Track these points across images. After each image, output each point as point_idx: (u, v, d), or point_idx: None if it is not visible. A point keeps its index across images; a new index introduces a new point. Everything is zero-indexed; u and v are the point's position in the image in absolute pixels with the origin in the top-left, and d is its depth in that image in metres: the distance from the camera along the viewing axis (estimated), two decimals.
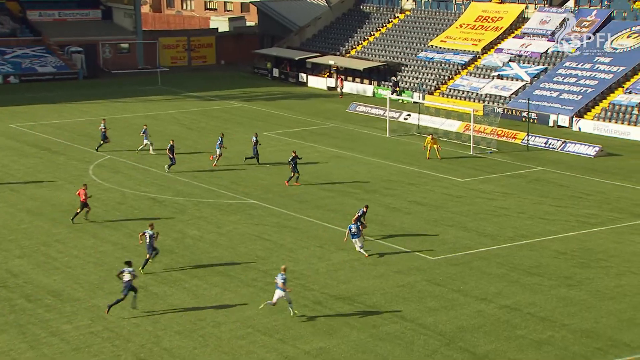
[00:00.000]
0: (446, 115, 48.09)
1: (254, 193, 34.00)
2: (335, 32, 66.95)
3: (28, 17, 68.74)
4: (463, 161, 39.74)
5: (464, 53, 57.11)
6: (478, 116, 46.85)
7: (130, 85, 61.36)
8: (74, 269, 25.56)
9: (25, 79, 61.95)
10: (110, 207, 31.99)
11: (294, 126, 47.67)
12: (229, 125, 47.81)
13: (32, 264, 25.81)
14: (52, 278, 24.87)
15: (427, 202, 32.88)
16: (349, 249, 27.32)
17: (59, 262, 26.10)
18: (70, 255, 26.68)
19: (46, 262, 26.00)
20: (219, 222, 30.29)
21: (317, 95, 58.35)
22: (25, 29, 67.56)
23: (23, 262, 26.08)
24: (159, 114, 51.43)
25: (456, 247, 27.58)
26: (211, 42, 73.26)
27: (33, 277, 24.90)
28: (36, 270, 25.42)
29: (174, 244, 27.86)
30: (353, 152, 40.54)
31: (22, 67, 63.06)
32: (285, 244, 27.89)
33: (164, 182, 35.46)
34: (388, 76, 58.80)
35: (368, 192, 34.14)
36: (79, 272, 25.27)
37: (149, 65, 68.72)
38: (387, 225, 29.90)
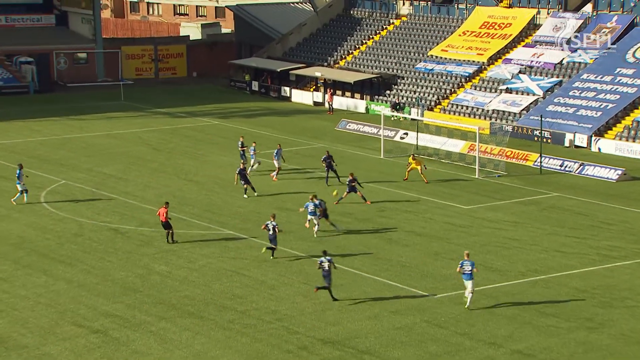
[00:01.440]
0: (448, 134, 48.51)
1: (231, 222, 34.07)
2: (322, 41, 67.56)
3: None
4: (467, 186, 40.04)
5: (467, 64, 57.77)
6: (484, 135, 47.27)
7: (88, 100, 61.48)
8: (22, 312, 25.45)
9: None
10: (65, 239, 31.93)
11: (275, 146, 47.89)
12: (202, 145, 47.96)
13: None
14: None
15: (427, 232, 33.06)
16: (337, 285, 27.38)
17: (4, 303, 25.99)
18: (17, 295, 26.59)
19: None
20: (190, 256, 30.29)
21: (302, 112, 58.71)
22: None
23: None
24: (121, 133, 51.52)
25: (460, 284, 27.64)
26: (181, 52, 73.64)
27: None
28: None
29: (139, 281, 27.83)
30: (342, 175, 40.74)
31: None
32: (267, 281, 27.92)
33: (127, 211, 35.47)
34: (382, 90, 59.31)
35: (360, 221, 34.31)
36: (28, 315, 25.16)
37: (110, 78, 68.91)
38: (382, 258, 30.01)
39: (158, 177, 40.86)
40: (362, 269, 28.89)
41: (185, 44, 74.19)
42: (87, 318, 25.04)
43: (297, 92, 62.90)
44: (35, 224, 33.67)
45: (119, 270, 28.76)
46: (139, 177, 40.90)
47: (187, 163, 43.66)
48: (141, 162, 43.96)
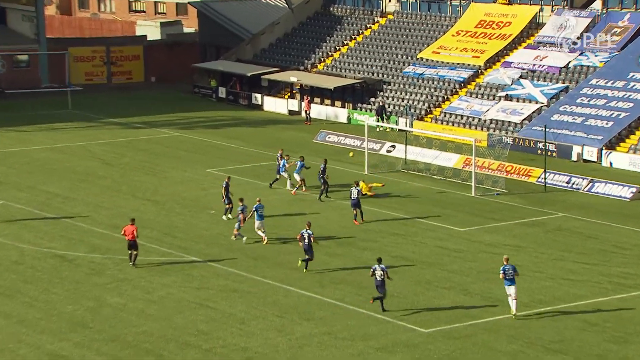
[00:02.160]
0: (441, 146, 48.81)
1: (195, 247, 34.00)
2: (298, 41, 67.86)
3: None
4: (463, 205, 40.25)
5: (462, 68, 58.23)
6: (481, 148, 47.55)
7: (31, 109, 61.23)
8: None
9: None
10: (3, 268, 31.71)
11: (245, 161, 47.91)
12: (162, 160, 47.90)
13: None
14: None
15: (417, 257, 33.18)
16: (316, 319, 27.38)
17: None
18: None
19: None
20: (148, 285, 30.18)
21: (275, 122, 58.85)
22: None
23: None
24: (69, 146, 51.33)
25: (455, 316, 27.79)
26: (138, 54, 73.60)
27: None
28: None
29: (89, 316, 27.67)
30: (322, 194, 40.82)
31: None
32: (235, 314, 27.87)
33: (75, 235, 35.30)
34: (366, 97, 59.62)
35: (341, 245, 34.37)
36: None
37: (56, 84, 68.59)
38: (366, 287, 30.06)
39: (111, 196, 40.71)
40: (344, 300, 28.91)
41: (142, 45, 74.17)
42: (29, 359, 24.81)
43: (269, 99, 63.06)
44: None
45: (65, 303, 28.57)
46: (88, 196, 40.74)
47: (144, 180, 43.55)
48: (91, 179, 43.79)
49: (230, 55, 68.61)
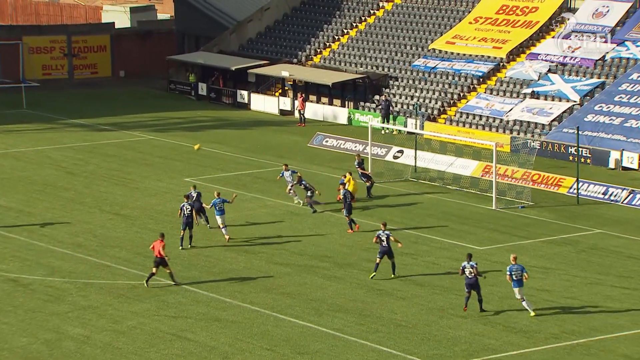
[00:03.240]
0: (456, 152, 48.90)
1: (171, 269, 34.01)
2: (290, 30, 68.02)
3: None
4: (482, 220, 40.29)
5: (481, 60, 58.38)
6: (503, 153, 47.62)
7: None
8: None
9: None
10: None
11: (229, 168, 47.96)
12: (133, 167, 47.95)
13: None
14: None
15: (429, 280, 33.20)
16: (312, 352, 27.39)
17: None
18: None
19: None
20: (115, 314, 30.19)
21: (264, 123, 58.96)
22: None
23: None
24: (23, 151, 51.35)
25: (473, 350, 27.79)
26: (104, 44, 73.75)
27: None
28: None
29: (46, 350, 27.66)
30: (318, 207, 40.88)
31: None
32: (218, 347, 27.88)
33: (31, 255, 35.30)
34: (370, 94, 59.74)
35: (341, 266, 34.39)
36: None
37: (8, 79, 68.68)
38: (370, 315, 30.09)
39: (73, 210, 40.71)
40: (344, 330, 28.92)
41: (109, 33, 74.32)
42: None
43: (257, 97, 63.18)
44: None
45: (18, 336, 28.55)
46: (47, 210, 40.74)
47: (113, 191, 43.57)
48: (50, 189, 43.81)
49: (211, 46, 68.76)
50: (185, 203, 36.32)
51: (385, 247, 32.63)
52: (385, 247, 32.63)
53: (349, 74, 60.93)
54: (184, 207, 36.09)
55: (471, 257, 30.24)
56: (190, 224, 35.98)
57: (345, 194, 38.11)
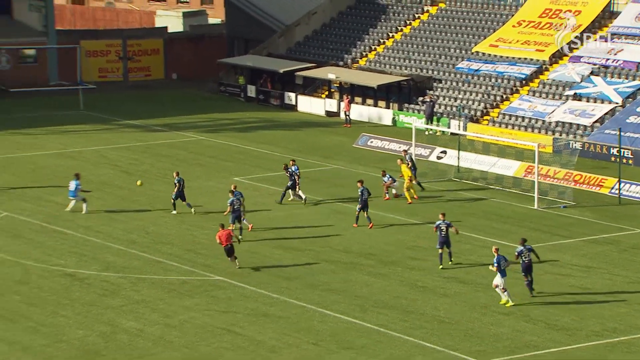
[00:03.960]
0: (499, 152, 48.61)
1: (220, 266, 34.17)
2: (337, 34, 68.01)
3: None
4: (524, 219, 40.01)
5: (524, 63, 57.98)
6: (546, 154, 47.24)
7: (38, 109, 61.98)
8: None
9: None
10: (6, 288, 32.08)
11: (277, 168, 48.01)
12: (184, 167, 48.21)
13: None
14: None
15: (472, 278, 33.04)
16: (357, 347, 27.37)
17: None
18: None
19: None
20: (167, 308, 30.37)
21: (311, 124, 59.00)
22: None
23: None
24: (80, 151, 51.84)
25: (515, 346, 27.62)
26: (158, 48, 74.27)
27: None
28: None
29: (101, 342, 27.91)
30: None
31: None
32: (265, 341, 27.95)
33: (87, 251, 35.65)
34: (414, 96, 59.56)
35: (385, 264, 34.33)
36: None
37: (67, 81, 69.37)
38: (413, 312, 30.00)
39: (127, 208, 41.00)
40: (388, 326, 28.87)
41: (162, 38, 74.80)
42: None
43: (304, 99, 63.24)
44: None
45: (75, 328, 28.84)
46: (102, 207, 41.10)
47: (165, 190, 43.84)
48: (106, 188, 44.19)
49: (260, 49, 68.94)
50: (233, 198, 36.64)
51: (445, 237, 33.41)
52: (445, 237, 33.41)
53: (393, 77, 60.78)
54: (233, 202, 36.40)
55: (525, 241, 31.02)
56: (239, 218, 36.33)
57: (363, 191, 38.20)
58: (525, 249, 30.88)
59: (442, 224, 33.60)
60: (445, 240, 33.62)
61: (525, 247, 30.93)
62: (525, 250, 30.86)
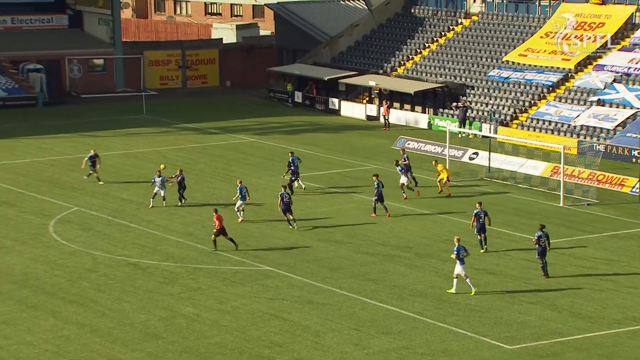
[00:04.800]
0: (527, 154, 48.23)
1: (269, 257, 34.26)
2: (377, 44, 67.85)
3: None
4: (550, 216, 39.66)
5: (551, 71, 57.44)
6: (571, 156, 46.78)
7: (105, 114, 62.56)
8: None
9: None
10: (76, 276, 32.42)
11: (322, 168, 48.09)
12: (236, 166, 48.45)
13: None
14: None
15: (501, 270, 32.81)
16: (394, 333, 27.30)
17: (5, 351, 26.40)
18: (22, 342, 26.99)
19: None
20: (221, 296, 30.52)
21: (353, 127, 58.92)
22: None
23: None
24: (143, 152, 52.23)
25: (542, 333, 27.38)
26: (213, 57, 74.61)
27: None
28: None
29: (161, 326, 28.10)
30: (401, 203, 40.74)
31: None
32: (310, 326, 27.97)
33: (149, 243, 35.92)
34: (448, 102, 59.24)
35: (421, 257, 34.20)
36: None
37: (131, 88, 70.00)
38: (447, 301, 29.85)
39: (185, 204, 41.21)
40: (423, 314, 28.77)
41: (218, 48, 75.14)
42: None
43: (347, 104, 63.18)
44: (43, 257, 34.27)
45: (138, 313, 29.08)
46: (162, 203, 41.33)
47: (219, 187, 44.07)
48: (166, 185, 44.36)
49: (307, 58, 68.99)
50: (283, 192, 36.76)
51: (481, 224, 34.00)
52: (481, 224, 34.00)
53: (429, 84, 60.52)
54: (284, 195, 36.56)
55: (544, 227, 31.64)
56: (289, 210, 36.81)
57: (378, 184, 38.58)
58: (543, 235, 31.35)
59: (480, 212, 34.10)
60: (482, 227, 34.16)
61: (543, 233, 31.41)
62: (543, 236, 31.33)
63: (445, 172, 42.17)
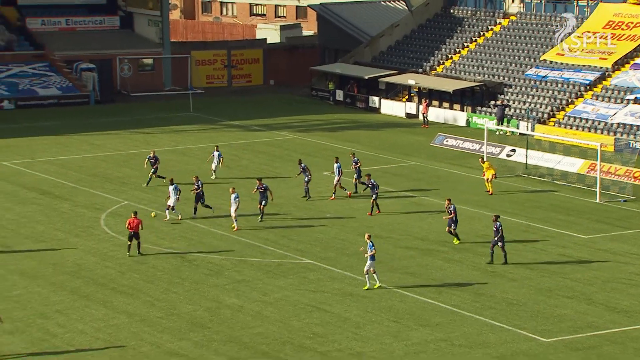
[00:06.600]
0: (564, 151, 47.73)
1: (311, 250, 34.31)
2: (417, 44, 67.56)
3: (27, 25, 70.97)
4: (587, 212, 39.23)
5: (588, 70, 56.77)
6: (607, 153, 46.25)
7: (154, 111, 63.02)
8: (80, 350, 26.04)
9: (23, 104, 64.01)
10: (126, 267, 32.74)
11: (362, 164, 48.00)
12: (279, 162, 48.54)
13: (26, 342, 26.54)
14: None
15: (538, 265, 32.52)
16: (433, 325, 27.21)
17: (59, 339, 26.74)
18: (74, 330, 27.33)
19: (43, 340, 26.67)
20: (265, 287, 30.64)
21: (392, 125, 58.76)
22: (24, 40, 69.93)
23: (14, 339, 26.77)
24: (189, 148, 52.56)
25: (578, 326, 27.12)
26: (258, 57, 74.81)
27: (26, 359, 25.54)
28: (31, 349, 26.10)
29: (207, 316, 28.28)
30: (439, 199, 40.56)
31: (18, 88, 65.27)
32: (351, 318, 27.97)
33: (195, 236, 36.15)
34: (486, 100, 58.82)
35: (459, 251, 34.02)
36: (85, 354, 25.79)
37: (179, 87, 70.44)
38: (485, 294, 29.68)
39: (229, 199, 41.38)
40: (461, 307, 28.64)
41: (262, 48, 75.29)
42: (150, 357, 25.58)
43: (387, 102, 63.01)
44: (94, 249, 34.66)
45: (185, 303, 29.30)
46: (208, 197, 41.55)
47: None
48: (212, 180, 44.67)
49: (348, 58, 68.91)
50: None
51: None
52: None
53: (467, 82, 60.14)
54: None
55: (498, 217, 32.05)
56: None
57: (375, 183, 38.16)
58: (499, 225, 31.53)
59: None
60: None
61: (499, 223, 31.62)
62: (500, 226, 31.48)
63: (492, 170, 41.71)
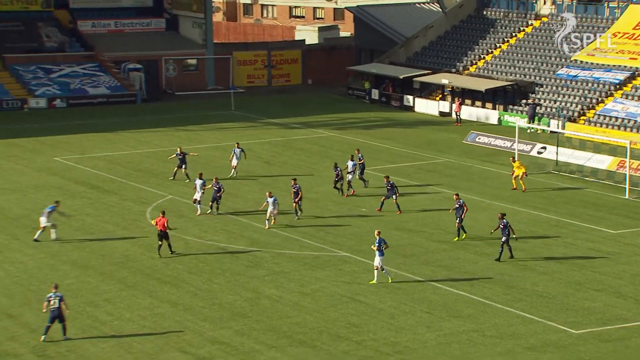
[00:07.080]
0: (594, 148, 47.22)
1: (347, 244, 34.31)
2: (450, 44, 67.19)
3: (79, 28, 71.91)
4: (616, 207, 38.78)
5: (618, 69, 56.07)
6: (637, 150, 45.65)
7: (197, 109, 63.37)
8: (126, 336, 26.35)
9: (74, 103, 64.82)
10: (170, 259, 32.99)
11: (396, 161, 47.89)
12: (317, 159, 48.58)
13: (77, 329, 26.87)
14: (100, 346, 25.80)
15: (568, 259, 32.22)
16: (465, 316, 27.09)
17: (107, 326, 27.06)
18: (122, 318, 27.63)
19: (93, 327, 27.01)
20: (302, 279, 30.70)
21: (426, 123, 58.53)
22: (75, 42, 70.77)
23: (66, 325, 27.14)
24: (231, 145, 52.75)
25: (607, 319, 26.84)
26: (296, 57, 74.88)
27: (77, 344, 25.90)
28: (81, 336, 26.43)
29: (247, 306, 28.42)
30: (471, 194, 40.33)
31: (70, 88, 66.06)
32: (385, 309, 27.95)
33: (236, 229, 36.32)
34: (517, 99, 58.34)
35: (490, 245, 33.82)
36: (132, 340, 26.06)
37: (221, 86, 70.75)
38: (515, 287, 29.48)
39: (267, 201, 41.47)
40: (492, 299, 28.47)
41: (301, 49, 75.35)
42: (193, 344, 25.76)
43: (421, 101, 62.76)
44: (141, 241, 34.96)
45: (226, 294, 29.47)
46: (249, 192, 41.77)
47: (300, 178, 44.17)
48: (252, 176, 44.85)
49: (384, 58, 68.73)
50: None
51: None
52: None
53: (500, 82, 59.70)
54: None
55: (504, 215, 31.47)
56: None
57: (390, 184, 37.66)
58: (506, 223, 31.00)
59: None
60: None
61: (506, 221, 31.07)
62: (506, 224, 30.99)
63: (522, 168, 41.24)
